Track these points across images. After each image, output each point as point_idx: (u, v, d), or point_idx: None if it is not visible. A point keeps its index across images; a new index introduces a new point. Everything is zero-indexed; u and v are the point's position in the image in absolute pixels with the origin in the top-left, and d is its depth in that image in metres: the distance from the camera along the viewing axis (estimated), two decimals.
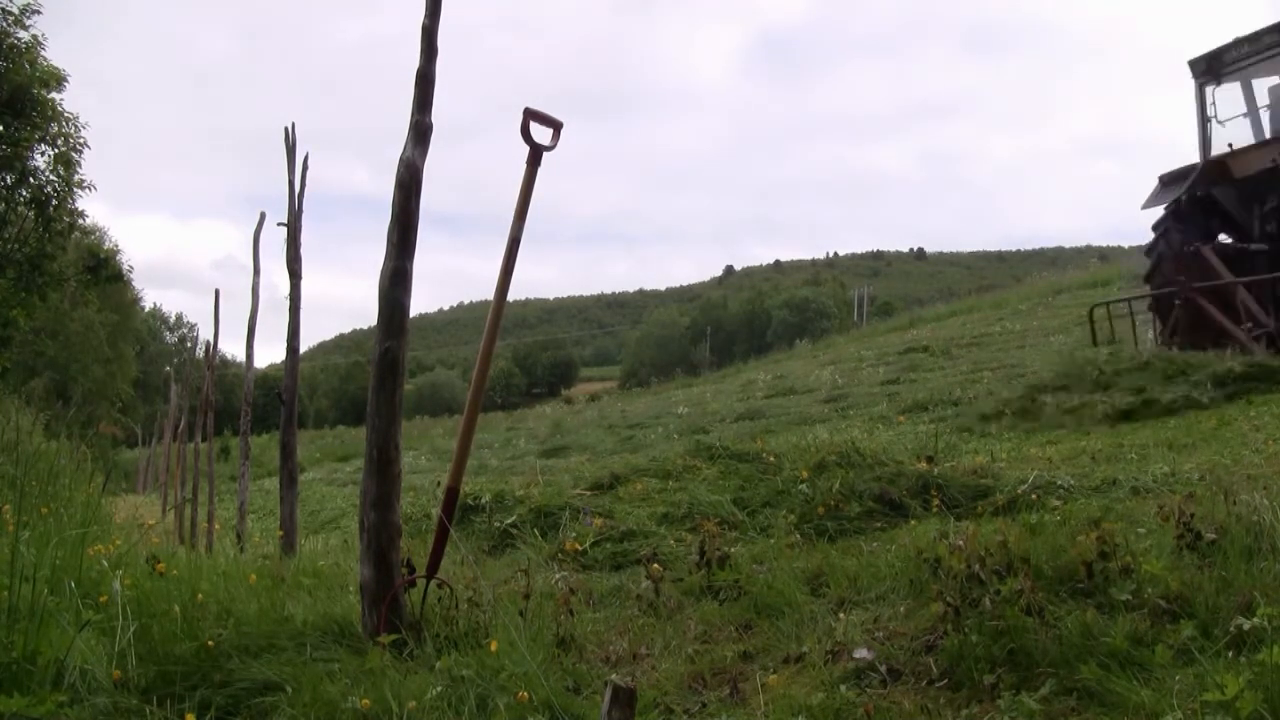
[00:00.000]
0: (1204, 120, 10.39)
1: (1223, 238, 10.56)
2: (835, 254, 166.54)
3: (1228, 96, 10.51)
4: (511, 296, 4.08)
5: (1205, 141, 10.52)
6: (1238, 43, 10.17)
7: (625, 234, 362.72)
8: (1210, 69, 10.36)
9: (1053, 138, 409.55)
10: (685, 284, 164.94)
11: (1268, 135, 10.17)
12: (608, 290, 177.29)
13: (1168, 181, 10.71)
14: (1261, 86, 10.43)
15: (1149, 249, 10.97)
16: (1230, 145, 10.35)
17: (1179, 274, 10.10)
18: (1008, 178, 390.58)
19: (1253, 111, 10.41)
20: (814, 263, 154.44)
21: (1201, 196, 10.24)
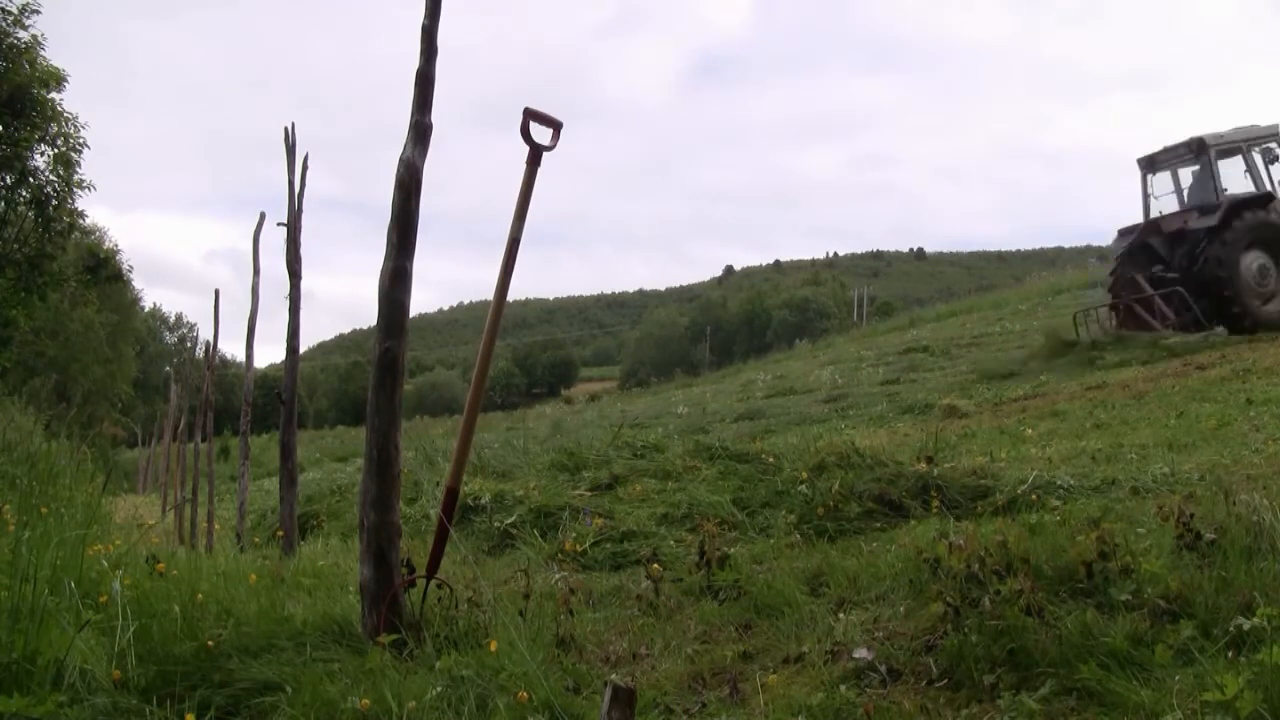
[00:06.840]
0: (1145, 195, 16.55)
1: (1157, 268, 16.31)
2: (835, 254, 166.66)
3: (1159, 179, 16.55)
4: (482, 297, 4.10)
5: (1146, 208, 16.49)
6: (1167, 150, 16.19)
7: (573, 237, 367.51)
8: (1151, 164, 16.47)
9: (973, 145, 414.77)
10: (685, 284, 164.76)
11: (1181, 207, 16.28)
12: (593, 292, 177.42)
13: (1123, 232, 16.55)
14: (1185, 176, 16.38)
15: (1110, 272, 17.01)
16: (1161, 211, 16.33)
17: (1120, 292, 16.36)
18: (934, 182, 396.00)
19: (1178, 191, 16.38)
20: (814, 263, 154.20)
21: (1143, 243, 16.28)
